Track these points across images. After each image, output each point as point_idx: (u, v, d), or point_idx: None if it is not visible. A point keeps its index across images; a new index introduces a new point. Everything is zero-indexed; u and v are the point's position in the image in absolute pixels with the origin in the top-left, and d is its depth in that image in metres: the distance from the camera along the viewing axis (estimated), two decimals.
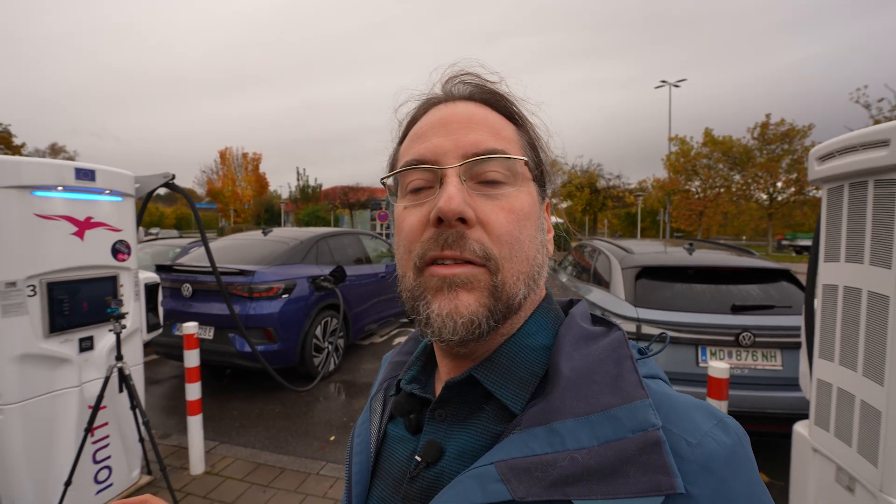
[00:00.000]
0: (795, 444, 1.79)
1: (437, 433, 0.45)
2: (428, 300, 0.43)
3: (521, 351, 0.45)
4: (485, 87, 0.50)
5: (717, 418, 0.38)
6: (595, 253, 4.18)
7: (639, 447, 0.34)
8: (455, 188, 0.42)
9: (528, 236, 0.44)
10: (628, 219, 42.47)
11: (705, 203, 29.01)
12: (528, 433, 0.38)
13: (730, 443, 0.36)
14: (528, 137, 0.50)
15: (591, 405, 0.37)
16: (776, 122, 25.99)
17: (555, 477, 0.35)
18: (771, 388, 2.67)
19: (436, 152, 0.45)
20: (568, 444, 0.36)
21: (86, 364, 2.39)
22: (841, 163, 1.47)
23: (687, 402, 0.39)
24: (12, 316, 2.09)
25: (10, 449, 2.11)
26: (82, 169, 2.30)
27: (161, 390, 4.56)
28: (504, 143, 0.46)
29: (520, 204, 0.45)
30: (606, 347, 0.42)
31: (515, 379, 0.44)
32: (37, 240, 2.15)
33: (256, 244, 5.03)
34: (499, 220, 0.43)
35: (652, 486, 0.33)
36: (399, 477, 0.47)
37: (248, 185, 44.48)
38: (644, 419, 0.35)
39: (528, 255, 0.44)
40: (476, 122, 0.46)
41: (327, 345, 4.82)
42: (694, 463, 0.34)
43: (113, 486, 2.55)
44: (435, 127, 0.47)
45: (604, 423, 0.36)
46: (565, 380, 0.40)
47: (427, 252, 0.42)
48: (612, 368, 0.40)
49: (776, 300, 2.88)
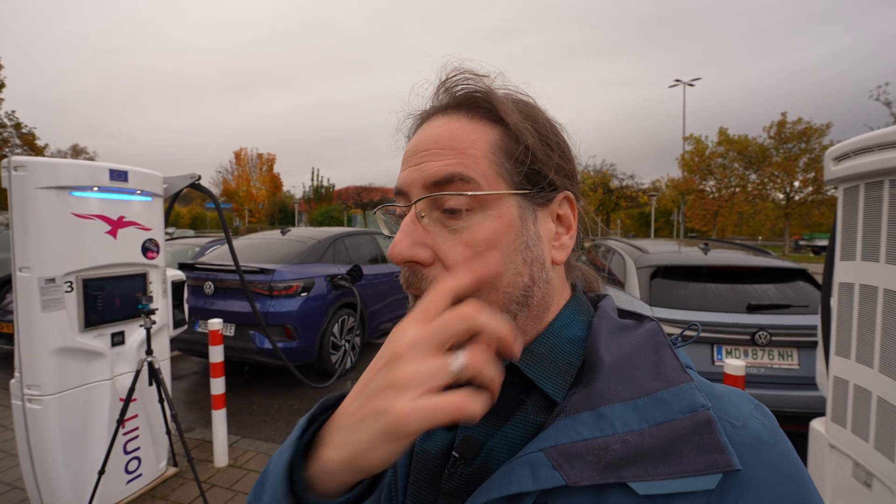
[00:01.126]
0: (812, 440, 1.81)
1: (473, 428, 0.44)
2: None
3: (558, 342, 0.46)
4: (467, 92, 0.47)
5: (753, 403, 0.40)
6: (609, 253, 4.19)
7: (691, 427, 0.35)
8: (402, 233, 0.43)
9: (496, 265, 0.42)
10: (642, 219, 42.06)
11: (720, 203, 28.63)
12: (575, 419, 0.38)
13: (770, 424, 0.38)
14: (516, 139, 0.45)
15: (637, 390, 0.38)
16: (793, 121, 25.58)
17: (609, 460, 0.35)
18: (787, 387, 2.67)
19: (405, 183, 0.45)
20: (618, 427, 0.36)
21: (117, 358, 2.50)
22: (857, 163, 1.49)
23: (725, 388, 0.41)
24: (51, 311, 2.20)
25: (48, 438, 2.22)
26: (116, 170, 2.40)
27: (183, 385, 4.69)
28: (470, 164, 0.43)
29: (483, 234, 0.42)
30: (644, 336, 0.43)
31: (555, 368, 0.44)
32: (74, 238, 2.26)
33: (276, 243, 5.14)
34: (454, 257, 0.41)
35: (709, 465, 0.33)
36: (434, 472, 0.46)
37: (263, 186, 45.09)
38: (693, 400, 0.36)
39: (496, 284, 0.42)
40: (442, 144, 0.44)
41: (344, 342, 4.90)
42: (742, 444, 0.35)
43: (142, 477, 2.65)
44: (409, 154, 0.47)
45: (651, 406, 0.37)
46: (607, 367, 0.40)
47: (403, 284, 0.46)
48: (651, 355, 0.41)
49: (793, 299, 2.88)
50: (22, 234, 2.15)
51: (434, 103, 0.49)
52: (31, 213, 2.14)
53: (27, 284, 2.16)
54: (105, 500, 2.41)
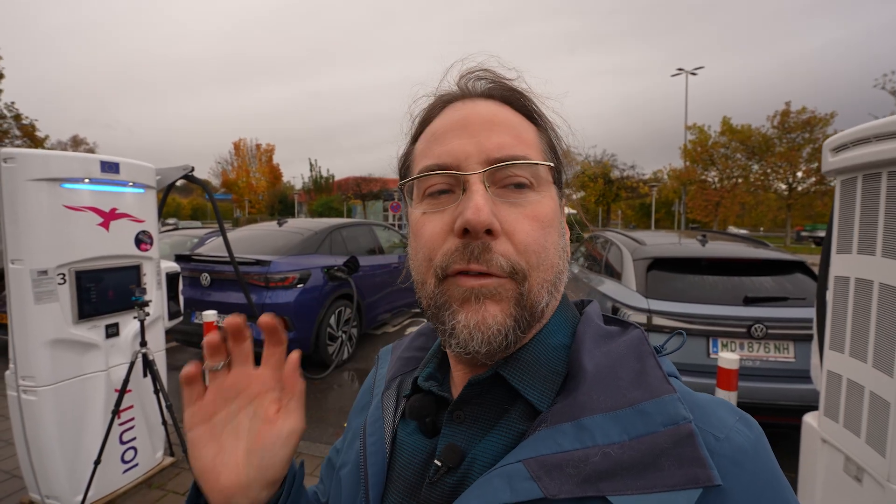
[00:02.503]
0: (804, 434, 1.80)
1: (457, 436, 0.44)
2: (454, 310, 0.41)
3: (544, 349, 0.45)
4: (504, 85, 0.48)
5: (738, 414, 0.39)
6: (607, 244, 4.18)
7: (672, 440, 0.34)
8: (482, 198, 0.40)
9: (552, 244, 0.43)
10: (643, 210, 41.92)
11: (722, 193, 28.50)
12: (556, 430, 0.37)
13: (753, 437, 0.37)
14: (548, 139, 0.48)
15: (618, 400, 0.37)
16: (797, 110, 25.35)
17: (588, 473, 0.34)
18: (783, 381, 2.66)
19: (457, 156, 0.43)
20: (598, 439, 0.35)
21: (112, 349, 2.50)
22: (854, 154, 1.46)
23: (709, 399, 0.40)
24: (44, 303, 2.19)
25: (44, 428, 2.23)
26: (107, 162, 2.38)
27: None
28: (527, 146, 0.44)
29: (544, 211, 0.43)
30: (627, 344, 0.42)
31: (540, 377, 0.43)
32: (66, 230, 2.24)
33: (272, 235, 5.12)
34: (524, 230, 0.41)
35: (689, 479, 0.32)
36: (414, 482, 0.45)
37: (262, 176, 45.00)
38: (675, 413, 0.35)
39: (552, 262, 0.43)
40: (498, 122, 0.44)
41: (341, 334, 4.91)
42: (724, 457, 0.34)
43: (138, 466, 2.67)
44: (454, 128, 0.44)
45: (633, 418, 0.36)
46: (590, 376, 0.40)
47: (451, 265, 0.41)
48: (635, 364, 0.40)
49: (790, 292, 2.86)
50: (13, 226, 2.14)
51: (461, 88, 0.49)
52: (21, 205, 2.13)
53: (19, 277, 2.15)
54: (101, 489, 2.44)
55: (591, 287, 3.77)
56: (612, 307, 3.09)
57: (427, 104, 0.50)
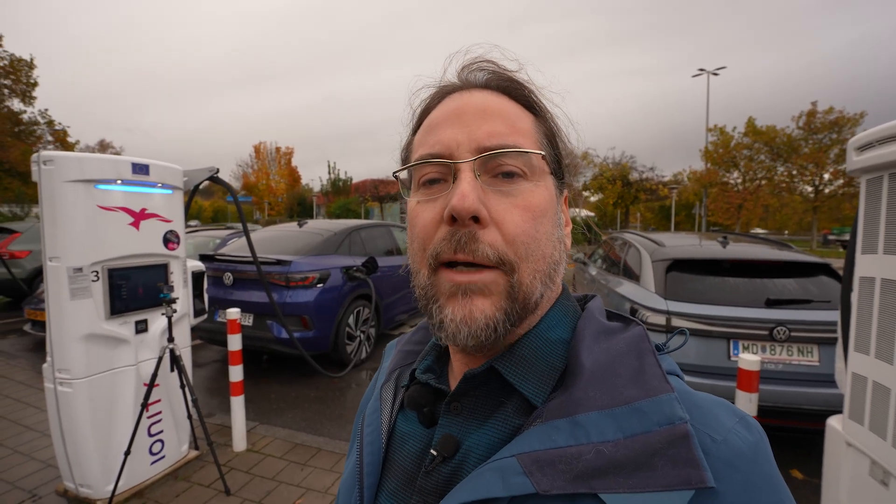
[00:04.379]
0: (828, 438, 1.77)
1: (453, 427, 0.44)
2: (441, 304, 0.42)
3: (543, 343, 0.44)
4: (502, 75, 0.48)
5: (738, 416, 0.38)
6: (625, 246, 4.14)
7: (667, 440, 0.34)
8: (469, 185, 0.40)
9: (544, 234, 0.43)
10: (662, 212, 41.20)
11: (745, 196, 27.82)
12: (551, 425, 0.37)
13: (752, 440, 0.36)
14: (547, 128, 0.48)
15: (615, 398, 0.37)
16: (824, 110, 24.60)
17: (580, 470, 0.34)
18: (807, 384, 2.61)
19: (449, 145, 0.43)
20: (592, 436, 0.35)
21: (141, 345, 2.59)
22: (880, 153, 1.44)
23: (708, 398, 0.39)
24: (79, 299, 2.30)
25: (78, 419, 2.33)
26: (138, 164, 2.48)
27: (204, 373, 4.84)
28: (520, 135, 0.44)
29: (536, 200, 0.43)
30: (627, 341, 0.42)
31: (536, 371, 0.43)
32: (99, 229, 2.34)
33: (293, 235, 5.23)
34: (513, 220, 0.41)
35: (681, 480, 0.32)
36: (412, 470, 0.46)
37: (282, 179, 45.70)
38: (671, 412, 0.35)
39: (544, 253, 0.43)
40: (491, 112, 0.44)
41: (359, 333, 4.97)
42: (720, 459, 0.34)
43: (165, 458, 2.76)
44: (449, 118, 0.45)
45: (629, 416, 0.35)
46: (587, 372, 0.39)
47: (440, 253, 0.41)
48: (634, 362, 0.39)
49: (814, 295, 2.80)
50: (51, 225, 2.25)
51: (461, 80, 0.49)
52: (59, 205, 2.24)
53: (57, 274, 2.26)
54: (131, 479, 2.53)
55: (610, 289, 3.75)
56: (630, 308, 3.06)
57: (427, 95, 0.51)
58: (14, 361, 4.89)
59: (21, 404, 3.79)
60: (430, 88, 0.51)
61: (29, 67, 23.19)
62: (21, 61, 22.88)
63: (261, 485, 2.69)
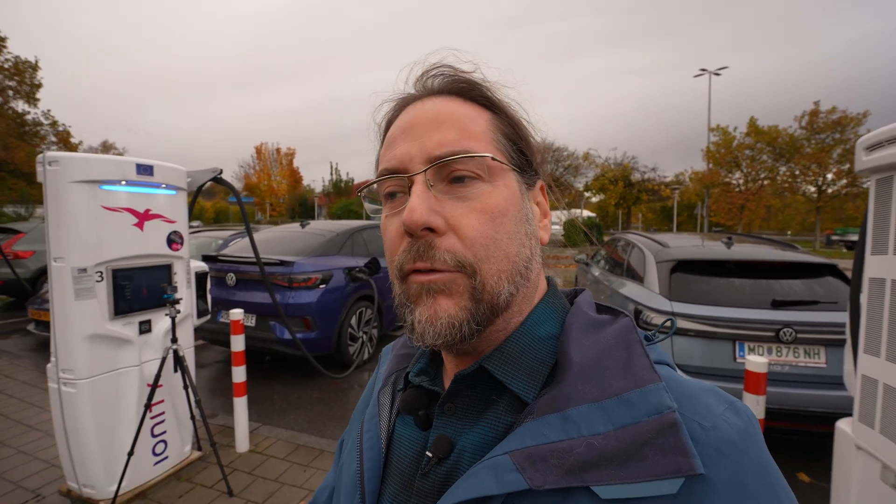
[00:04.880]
0: (838, 441, 1.75)
1: (447, 428, 0.45)
2: (411, 307, 0.43)
3: (530, 341, 0.45)
4: (457, 78, 0.48)
5: (727, 402, 0.38)
6: (629, 247, 4.13)
7: (656, 430, 0.34)
8: (418, 198, 0.41)
9: (505, 233, 0.43)
10: (664, 213, 41.14)
11: (747, 196, 27.75)
12: (542, 421, 0.38)
13: (742, 425, 0.36)
14: (506, 124, 0.48)
15: (604, 390, 0.37)
16: (827, 110, 24.52)
17: (572, 463, 0.34)
18: (814, 386, 2.59)
19: (402, 159, 0.44)
20: (583, 430, 0.36)
21: (145, 345, 2.59)
22: (890, 152, 1.42)
23: (697, 385, 0.39)
24: (83, 299, 2.29)
25: (81, 420, 2.33)
26: (142, 164, 2.48)
27: (207, 374, 4.84)
28: (472, 138, 0.44)
29: (494, 201, 0.43)
30: (615, 333, 0.42)
31: (526, 368, 0.43)
32: (104, 230, 2.34)
33: (295, 236, 5.23)
34: (470, 224, 0.42)
35: (671, 469, 0.32)
36: (410, 473, 0.46)
37: (283, 180, 45.79)
38: (659, 402, 0.35)
39: (507, 252, 0.43)
40: (442, 120, 0.44)
41: (362, 334, 4.97)
42: (709, 446, 0.34)
43: (168, 459, 2.75)
44: (403, 132, 0.46)
45: (618, 408, 0.36)
46: (576, 366, 0.40)
47: (403, 264, 0.43)
48: (622, 354, 0.40)
49: (821, 296, 2.78)
50: (56, 226, 2.25)
51: (417, 89, 0.49)
52: (64, 205, 2.24)
53: (61, 274, 2.26)
54: (134, 480, 2.52)
55: (613, 290, 3.73)
56: (634, 310, 3.05)
57: (388, 108, 0.51)
58: (18, 361, 4.90)
59: (25, 404, 3.79)
60: (390, 102, 0.51)
61: (33, 69, 23.31)
62: (25, 63, 23.00)
63: (263, 486, 2.68)
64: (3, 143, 21.31)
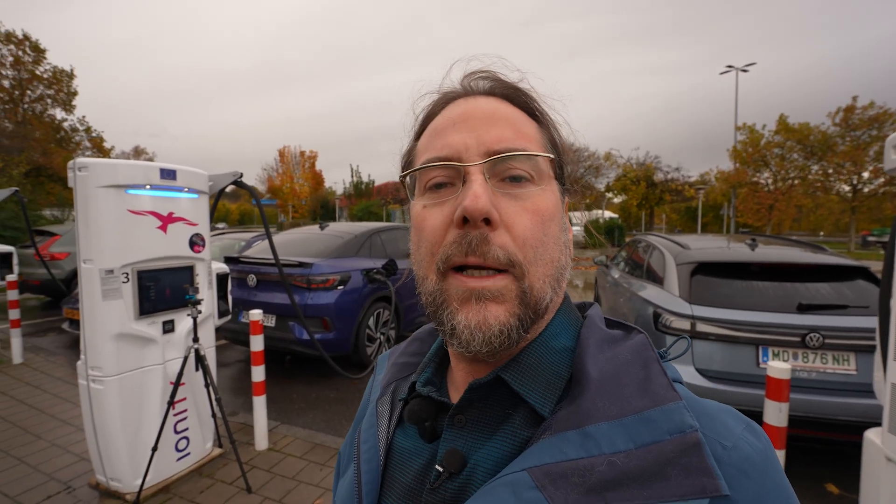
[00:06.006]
0: (866, 452, 1.68)
1: (458, 441, 0.43)
2: (453, 310, 0.41)
3: (547, 352, 0.44)
4: (506, 83, 0.48)
5: (745, 422, 0.38)
6: (649, 248, 4.05)
7: (679, 449, 0.33)
8: (481, 187, 0.40)
9: (552, 238, 0.43)
10: (688, 213, 40.16)
11: (776, 196, 26.82)
12: (561, 437, 0.37)
13: (762, 447, 0.36)
14: (550, 135, 0.49)
15: (624, 408, 0.37)
16: (864, 106, 23.49)
17: (594, 482, 0.33)
18: (843, 394, 2.48)
19: (458, 149, 0.43)
20: (603, 447, 0.35)
21: (168, 344, 2.68)
22: None
23: (715, 406, 0.39)
24: (110, 300, 2.39)
25: (109, 415, 2.42)
26: (165, 169, 2.56)
27: (229, 373, 4.96)
28: (527, 140, 0.45)
29: (545, 204, 0.43)
30: (631, 350, 0.42)
31: (542, 381, 0.42)
32: (129, 232, 2.43)
33: (314, 238, 5.31)
34: (523, 223, 0.41)
35: (696, 489, 0.32)
36: (414, 487, 0.45)
37: (306, 182, 46.52)
38: (681, 421, 0.35)
39: (552, 256, 0.43)
40: (498, 117, 0.45)
41: (379, 335, 5.01)
42: (732, 466, 0.34)
43: (190, 455, 2.83)
44: (456, 122, 0.45)
45: (639, 426, 0.35)
46: (594, 382, 0.39)
47: (451, 257, 0.41)
48: (639, 371, 0.39)
49: (850, 300, 2.67)
50: (85, 228, 2.35)
51: (464, 87, 0.50)
52: (92, 209, 2.33)
53: (90, 275, 2.35)
54: (158, 475, 2.61)
55: (632, 292, 3.67)
56: (653, 313, 2.99)
57: (430, 101, 0.51)
58: (53, 358, 5.12)
59: (59, 399, 3.96)
60: (432, 94, 0.51)
61: (69, 77, 24.39)
62: (62, 72, 24.08)
63: (281, 484, 2.73)
64: (42, 149, 22.34)
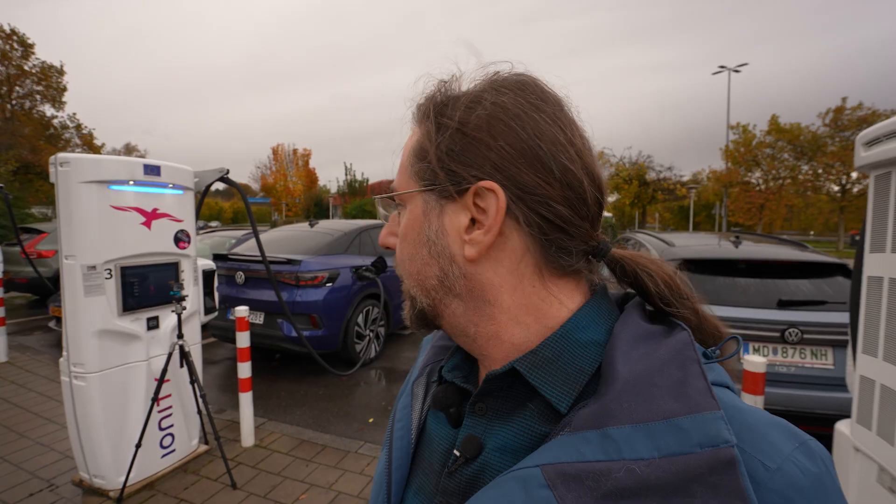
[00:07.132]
0: (836, 442, 1.72)
1: (477, 428, 0.43)
2: None
3: (569, 344, 0.41)
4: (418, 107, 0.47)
5: (799, 440, 0.33)
6: (637, 246, 4.08)
7: (709, 465, 0.30)
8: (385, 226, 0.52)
9: (406, 256, 0.47)
10: (681, 212, 40.42)
11: (767, 195, 27.09)
12: (579, 436, 0.35)
13: (816, 471, 0.31)
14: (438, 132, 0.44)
15: (652, 412, 0.33)
16: (853, 107, 23.78)
17: (609, 488, 0.31)
18: (820, 388, 2.53)
19: None
20: (624, 452, 0.32)
21: (152, 341, 2.67)
22: (889, 147, 1.39)
23: (763, 417, 0.35)
24: (92, 296, 2.38)
25: (92, 412, 2.41)
26: (149, 165, 2.55)
27: (217, 370, 4.94)
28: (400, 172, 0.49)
29: (403, 226, 0.48)
30: (670, 348, 0.38)
31: (561, 374, 0.40)
32: (112, 228, 2.42)
33: (303, 235, 5.30)
34: (398, 246, 0.50)
35: None
36: (437, 468, 0.46)
37: (299, 180, 46.29)
38: (715, 433, 0.31)
39: (409, 271, 0.47)
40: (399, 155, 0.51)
41: (369, 332, 5.02)
42: (773, 492, 0.30)
43: (175, 452, 2.83)
44: None
45: (666, 433, 0.32)
46: (622, 381, 0.36)
47: None
48: (676, 372, 0.35)
49: (829, 296, 2.72)
50: (67, 225, 2.33)
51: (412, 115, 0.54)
52: (74, 205, 2.32)
53: (72, 271, 2.34)
54: (142, 471, 2.60)
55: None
56: None
57: None
58: (39, 356, 5.08)
59: (44, 397, 3.93)
60: None
61: (59, 73, 24.08)
62: (52, 68, 23.78)
63: (266, 480, 2.73)
64: (31, 145, 22.05)
